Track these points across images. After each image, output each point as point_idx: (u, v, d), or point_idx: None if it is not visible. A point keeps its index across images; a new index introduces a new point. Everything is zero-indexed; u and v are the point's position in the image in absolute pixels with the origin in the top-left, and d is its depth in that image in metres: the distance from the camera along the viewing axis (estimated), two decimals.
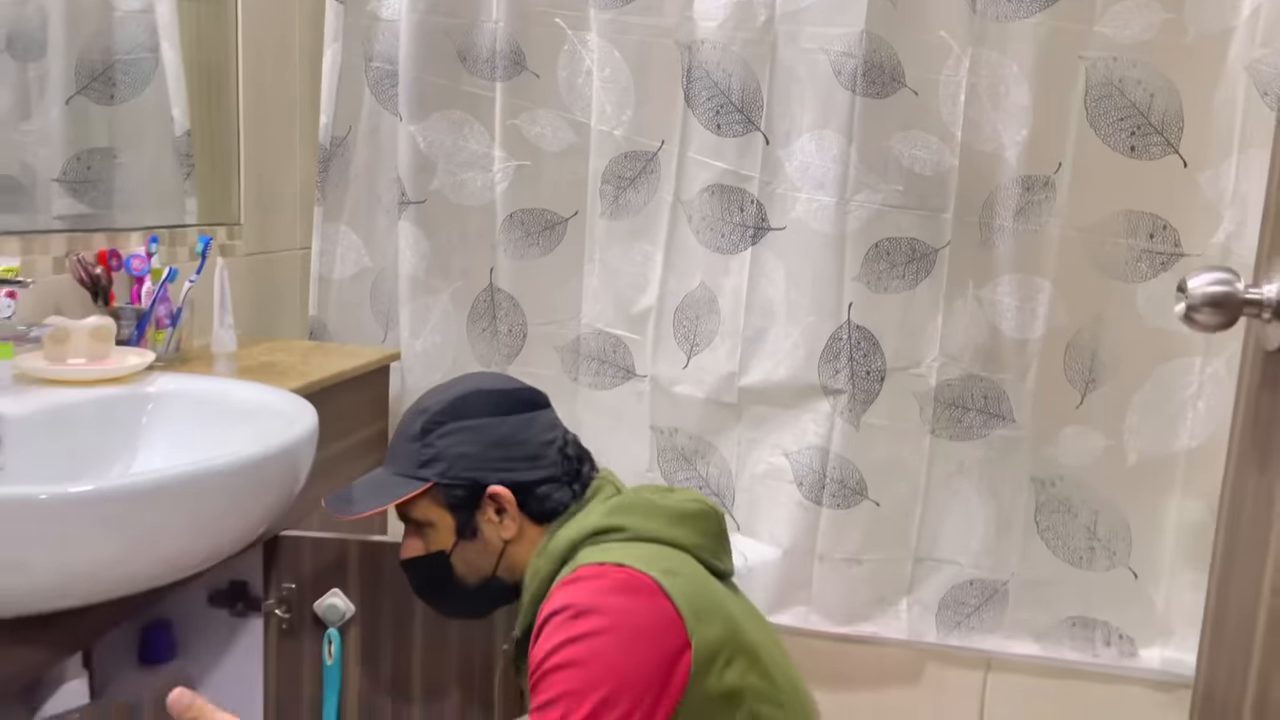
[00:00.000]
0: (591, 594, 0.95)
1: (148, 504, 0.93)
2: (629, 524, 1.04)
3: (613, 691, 0.90)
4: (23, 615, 0.94)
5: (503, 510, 1.09)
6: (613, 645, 0.92)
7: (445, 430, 1.10)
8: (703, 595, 0.99)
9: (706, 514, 1.09)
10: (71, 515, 0.89)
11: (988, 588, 1.65)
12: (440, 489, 1.09)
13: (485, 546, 1.11)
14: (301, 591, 1.44)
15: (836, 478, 1.65)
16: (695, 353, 1.71)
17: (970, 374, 1.61)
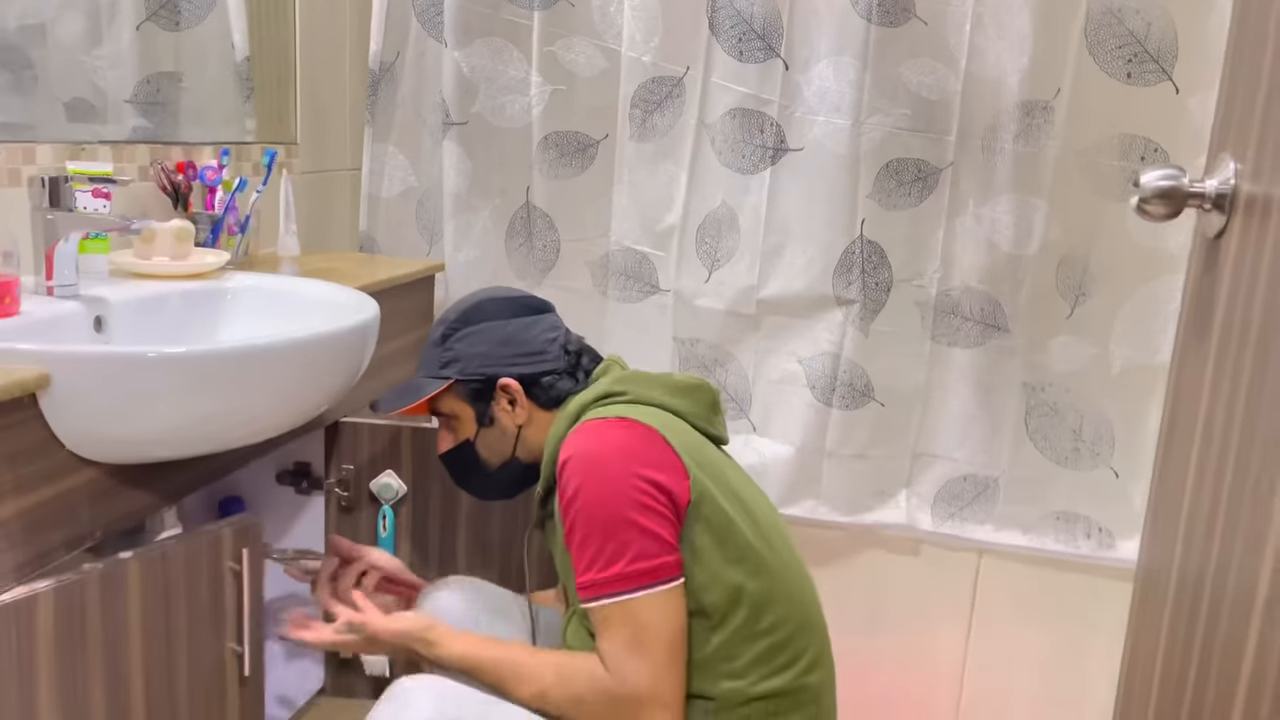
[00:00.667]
0: (597, 438, 1.13)
1: (237, 367, 1.09)
2: (630, 389, 1.21)
3: (629, 519, 1.08)
4: (130, 463, 1.11)
5: (514, 400, 1.27)
6: (619, 480, 1.09)
7: (461, 335, 1.30)
8: (698, 451, 1.16)
9: (701, 386, 1.26)
10: (173, 373, 1.05)
11: (980, 483, 1.80)
12: (460, 385, 1.29)
13: (502, 432, 1.29)
14: (359, 472, 1.61)
15: (846, 381, 1.79)
16: (716, 268, 1.85)
17: (968, 286, 1.74)
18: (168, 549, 1.10)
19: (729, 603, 1.12)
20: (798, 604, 1.18)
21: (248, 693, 1.22)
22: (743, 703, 1.13)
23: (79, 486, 1.05)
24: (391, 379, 1.77)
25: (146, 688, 1.08)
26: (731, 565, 1.13)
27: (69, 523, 1.04)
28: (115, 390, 1.02)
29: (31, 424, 0.99)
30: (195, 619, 1.14)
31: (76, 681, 1.01)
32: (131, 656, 1.06)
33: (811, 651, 1.18)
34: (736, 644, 1.13)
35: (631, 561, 1.08)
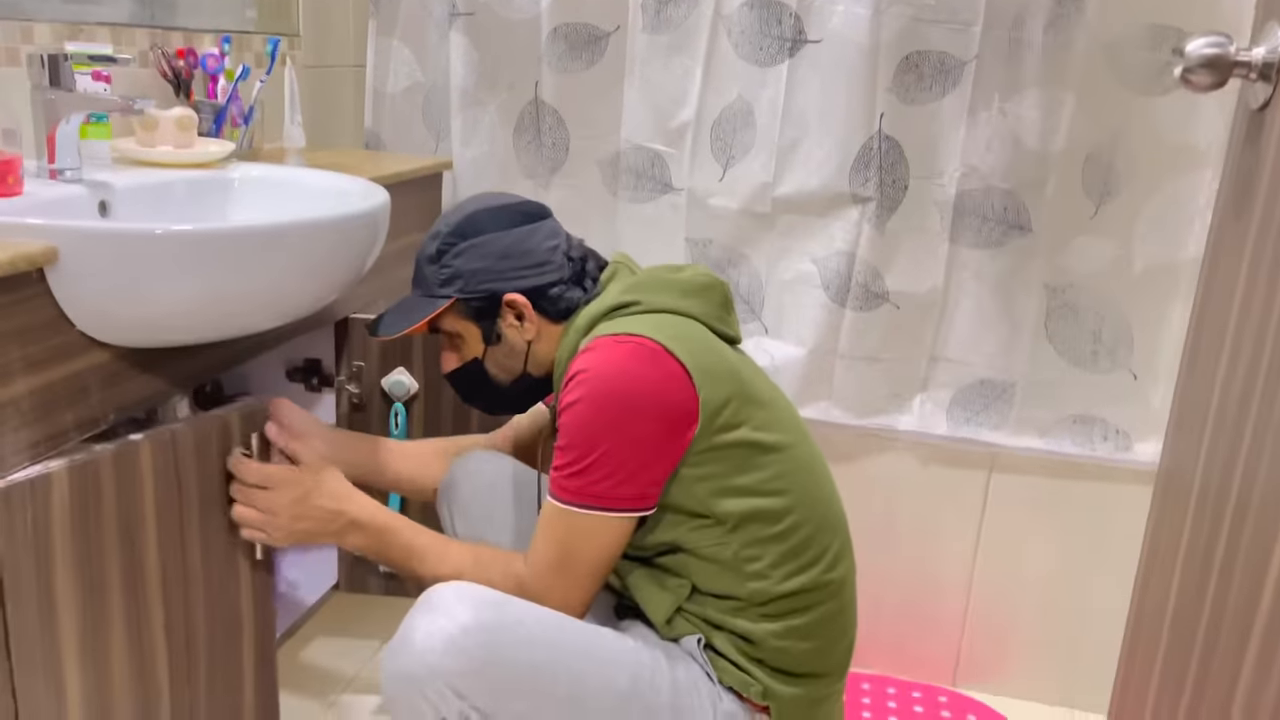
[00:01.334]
0: (604, 359, 1.08)
1: (246, 247, 1.07)
2: (642, 298, 1.16)
3: (615, 446, 1.06)
4: (141, 347, 1.09)
5: (521, 315, 1.20)
6: (617, 406, 1.06)
7: (458, 250, 1.20)
8: (710, 356, 1.11)
9: (713, 285, 1.21)
10: (181, 250, 1.02)
11: (996, 387, 1.78)
12: (462, 304, 1.21)
13: (511, 349, 1.23)
14: (370, 369, 1.59)
15: (860, 282, 1.76)
16: (731, 165, 1.80)
17: (990, 185, 1.70)
18: (177, 432, 1.08)
19: (745, 512, 1.11)
20: (820, 503, 1.17)
21: (259, 577, 1.22)
22: (768, 600, 1.12)
23: (90, 368, 1.04)
24: (399, 277, 1.74)
25: (162, 569, 1.08)
26: (745, 475, 1.11)
27: (81, 405, 1.03)
28: (123, 268, 0.99)
29: (40, 300, 0.96)
30: (207, 503, 1.13)
31: (92, 559, 1.00)
32: (146, 538, 1.06)
33: (834, 548, 1.18)
34: (758, 547, 1.12)
35: (598, 482, 1.07)
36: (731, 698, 1.13)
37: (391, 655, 1.03)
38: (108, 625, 1.03)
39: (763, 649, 1.13)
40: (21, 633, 0.95)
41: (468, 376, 1.27)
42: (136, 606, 1.06)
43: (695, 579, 1.14)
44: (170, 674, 1.12)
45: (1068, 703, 1.88)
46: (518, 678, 1.04)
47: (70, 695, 1.01)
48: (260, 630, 1.24)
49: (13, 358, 0.93)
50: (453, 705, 1.01)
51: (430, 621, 1.02)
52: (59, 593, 0.98)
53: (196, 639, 1.15)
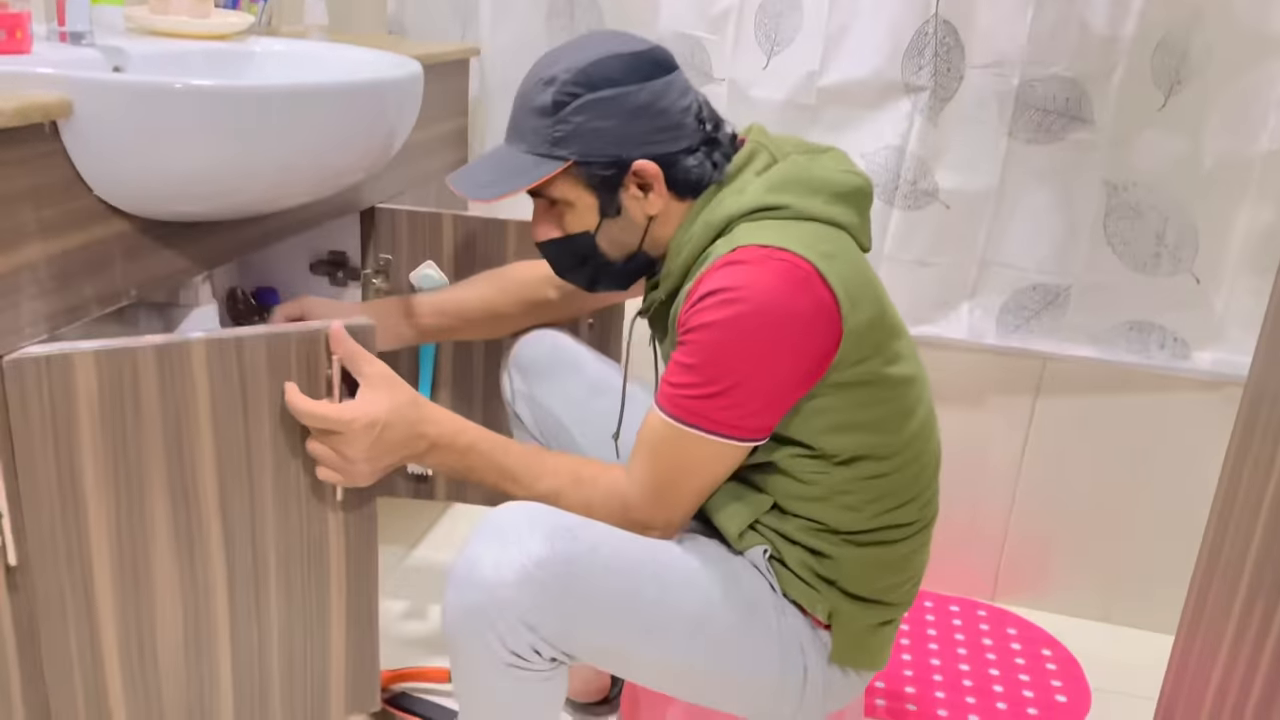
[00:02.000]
0: (752, 281, 0.94)
1: (271, 108, 0.98)
2: (789, 203, 1.00)
3: (754, 376, 0.96)
4: (161, 219, 1.01)
5: (648, 186, 1.03)
6: (763, 334, 0.94)
7: (580, 104, 1.00)
8: (858, 280, 0.99)
9: (862, 190, 1.06)
10: (201, 107, 0.93)
11: (1050, 292, 1.70)
12: (579, 168, 1.02)
13: (630, 224, 1.06)
14: (398, 262, 1.52)
15: (910, 179, 1.67)
16: (775, 53, 1.70)
17: (1054, 74, 1.60)
18: (245, 342, 0.95)
19: (858, 450, 1.03)
20: (928, 442, 1.10)
21: (352, 518, 1.06)
22: (857, 531, 1.06)
23: (110, 238, 0.96)
24: (426, 168, 1.66)
25: (220, 485, 0.98)
26: (867, 410, 1.02)
27: (101, 277, 0.95)
28: (140, 124, 0.91)
29: (55, 159, 0.88)
30: (284, 425, 0.99)
31: (129, 456, 0.92)
32: (200, 448, 0.95)
33: (933, 488, 1.12)
34: (859, 484, 1.05)
35: (727, 409, 0.98)
36: (795, 611, 1.08)
37: (456, 588, 0.96)
38: (150, 533, 0.95)
39: (840, 570, 1.07)
40: (40, 521, 0.89)
41: (572, 249, 1.09)
42: (188, 520, 0.97)
43: (780, 497, 1.07)
44: (231, 603, 1.02)
45: (1108, 618, 1.84)
46: (591, 609, 0.97)
47: (101, 601, 0.95)
48: (356, 578, 1.08)
49: (27, 219, 0.86)
50: (523, 639, 0.95)
51: (501, 552, 0.94)
52: (87, 487, 0.91)
53: (266, 573, 1.03)
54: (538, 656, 0.97)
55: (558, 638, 0.96)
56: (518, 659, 0.96)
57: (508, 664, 0.96)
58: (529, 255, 1.47)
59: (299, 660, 1.09)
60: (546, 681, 1.00)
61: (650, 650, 1.01)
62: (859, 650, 1.09)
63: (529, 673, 0.98)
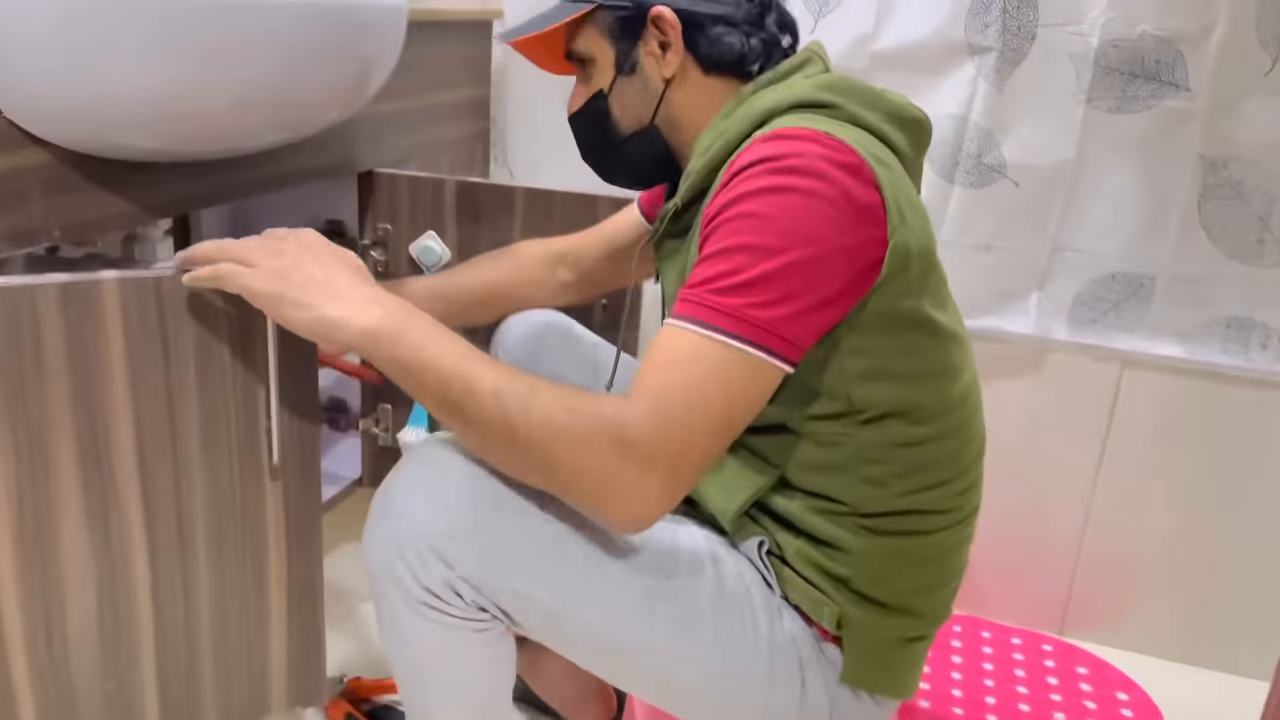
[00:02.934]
0: (805, 151, 0.79)
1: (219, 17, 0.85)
2: (843, 104, 0.86)
3: (801, 260, 0.77)
4: (94, 153, 0.89)
5: (665, 42, 0.93)
6: (816, 210, 0.77)
7: None
8: (910, 198, 0.85)
9: (922, 121, 0.93)
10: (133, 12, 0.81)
11: (1132, 282, 1.50)
12: (604, 13, 0.95)
13: (644, 85, 0.96)
14: (398, 233, 1.39)
15: (973, 152, 1.49)
16: (823, 14, 1.54)
17: (1142, 32, 1.40)
18: (163, 281, 0.83)
19: (893, 405, 0.86)
20: (972, 418, 0.94)
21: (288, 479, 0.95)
22: (878, 513, 0.89)
23: (26, 169, 0.85)
24: (437, 136, 1.53)
25: (138, 444, 0.86)
26: (909, 358, 0.86)
27: (15, 212, 0.84)
28: (59, 35, 0.79)
29: None
30: (209, 376, 0.88)
31: (29, 409, 0.79)
32: (113, 403, 0.83)
33: (972, 474, 0.95)
34: (887, 450, 0.88)
35: (768, 304, 0.77)
36: (795, 616, 0.91)
37: (371, 522, 0.85)
38: (55, 498, 0.83)
39: (852, 564, 0.89)
40: None
41: (589, 115, 1.00)
42: (101, 486, 0.85)
43: (790, 469, 0.90)
44: (153, 574, 0.90)
45: (1192, 659, 1.62)
46: (514, 547, 0.82)
47: (1, 583, 0.82)
48: (295, 552, 0.98)
49: None
50: (435, 572, 0.81)
51: (417, 476, 0.83)
52: None
53: (194, 545, 0.91)
54: (459, 600, 0.83)
55: (477, 578, 0.82)
56: (433, 597, 0.82)
57: (422, 602, 0.82)
58: (538, 226, 1.33)
59: (233, 645, 0.96)
60: (477, 640, 0.85)
61: (588, 617, 0.85)
62: (877, 669, 0.91)
63: (452, 620, 0.83)
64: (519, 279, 1.24)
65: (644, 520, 0.79)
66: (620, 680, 0.93)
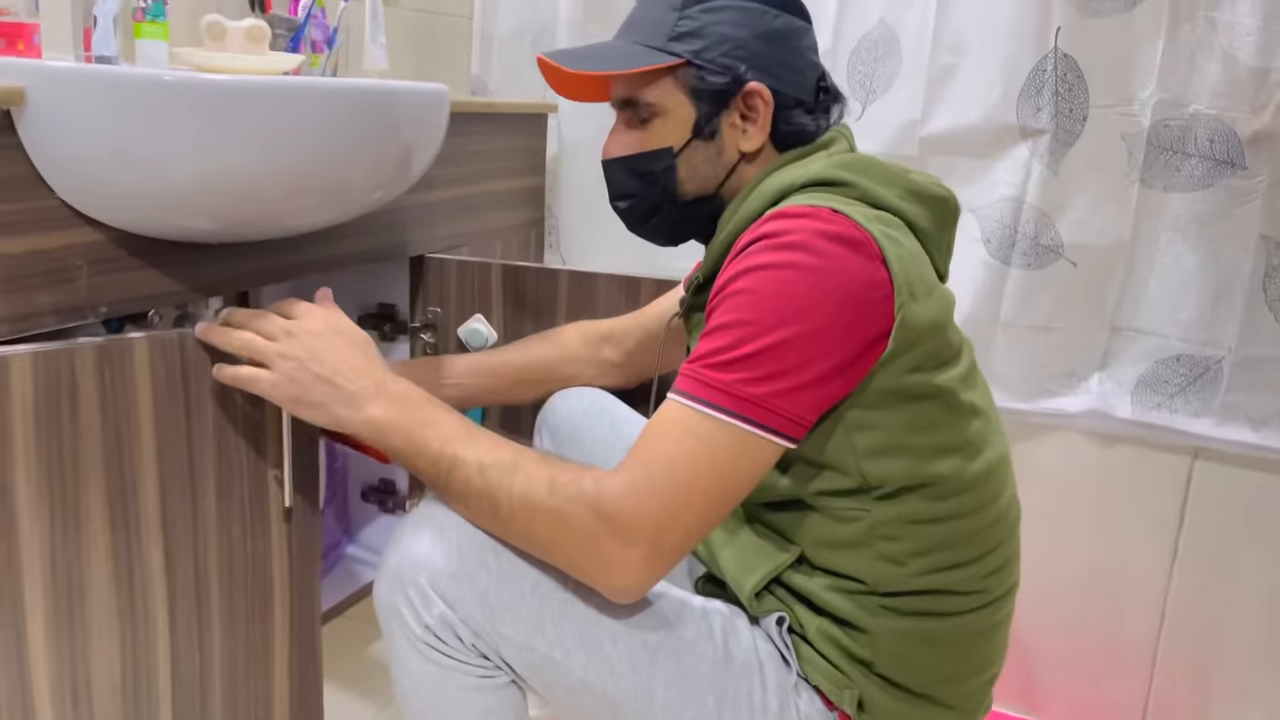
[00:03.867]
0: (803, 229, 0.80)
1: (261, 103, 0.90)
2: (858, 182, 0.87)
3: (794, 336, 0.77)
4: (143, 233, 0.94)
5: (752, 115, 0.92)
6: (814, 287, 0.78)
7: (712, 4, 0.92)
8: (921, 274, 0.84)
9: (947, 200, 0.92)
10: (181, 101, 0.86)
11: (1198, 364, 1.44)
12: (691, 70, 0.91)
13: (719, 154, 0.94)
14: (446, 315, 1.42)
15: (1029, 234, 1.47)
16: (871, 101, 1.55)
17: (1194, 112, 1.38)
18: (187, 338, 0.89)
19: (908, 480, 0.84)
20: (1000, 496, 0.90)
21: (297, 531, 1.01)
22: (897, 593, 0.86)
23: (75, 246, 0.89)
24: (491, 223, 1.57)
25: (161, 503, 0.89)
26: (923, 434, 0.84)
27: (61, 287, 0.88)
28: (110, 120, 0.84)
29: (9, 154, 0.82)
30: (226, 429, 0.93)
31: (66, 472, 0.82)
32: (141, 459, 0.87)
33: (1001, 554, 0.90)
34: (904, 526, 0.85)
35: (760, 380, 0.78)
36: (815, 698, 0.87)
37: (382, 558, 0.87)
38: (86, 559, 0.85)
39: (874, 645, 0.86)
40: None
41: (644, 166, 0.96)
42: (127, 544, 0.88)
43: (808, 546, 0.88)
44: (173, 634, 0.93)
45: None
46: (515, 592, 0.83)
47: (34, 642, 0.84)
48: (299, 604, 1.03)
49: None
50: (436, 611, 0.82)
51: (423, 515, 0.86)
52: (19, 507, 0.81)
53: (209, 599, 0.95)
54: (459, 643, 0.83)
55: (477, 621, 0.83)
56: (433, 636, 0.83)
57: (423, 640, 0.84)
58: (582, 308, 1.35)
59: (241, 693, 0.98)
60: (475, 685, 0.85)
61: (585, 668, 0.83)
62: None
63: (451, 663, 0.84)
64: (563, 357, 1.26)
65: (631, 590, 0.80)
66: None
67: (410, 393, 0.87)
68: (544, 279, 1.36)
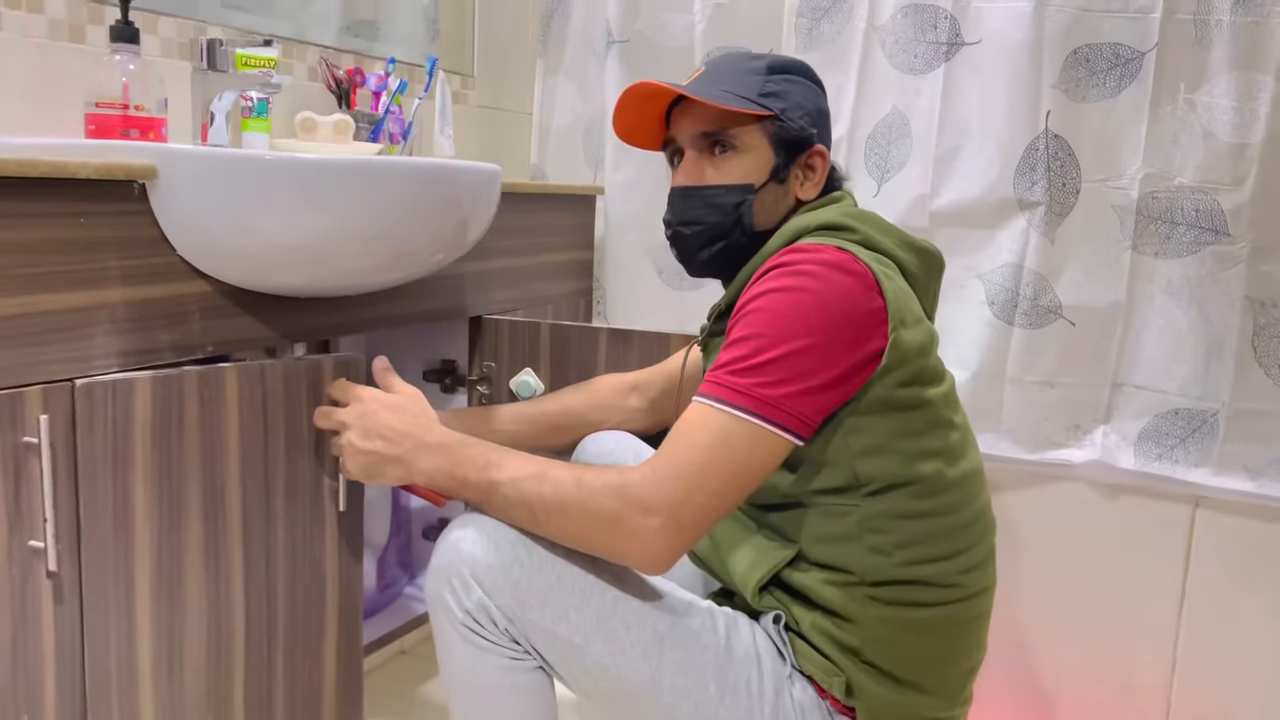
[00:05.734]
0: (812, 259, 0.96)
1: (349, 180, 1.09)
2: (861, 229, 1.03)
3: (804, 348, 0.93)
4: (246, 287, 1.14)
5: (813, 168, 1.11)
6: (820, 308, 0.94)
7: (790, 77, 1.11)
8: (910, 307, 1.00)
9: (935, 255, 1.11)
10: (283, 178, 1.06)
11: (1195, 418, 1.54)
12: (776, 123, 1.08)
13: (784, 195, 1.11)
14: (499, 369, 1.60)
15: (1029, 295, 1.60)
16: (886, 179, 1.71)
17: (1180, 185, 1.51)
18: (267, 368, 1.10)
19: (891, 477, 0.98)
20: (974, 501, 1.04)
21: (346, 533, 1.21)
22: (884, 582, 0.98)
23: (191, 295, 1.09)
24: (543, 291, 1.76)
25: (243, 504, 1.09)
26: (908, 440, 0.98)
27: (178, 328, 1.08)
28: (222, 192, 1.04)
29: (141, 218, 1.02)
30: (293, 445, 1.13)
31: (172, 476, 1.02)
32: (228, 468, 1.07)
33: (976, 553, 1.03)
34: (889, 520, 0.98)
35: (776, 384, 0.92)
36: (807, 686, 0.99)
37: (433, 555, 1.02)
38: (184, 549, 1.04)
39: (861, 634, 0.98)
40: (94, 537, 0.98)
41: (724, 198, 1.09)
42: (215, 537, 1.07)
43: (806, 543, 1.01)
44: (247, 617, 1.11)
45: None
46: (543, 582, 0.97)
47: (140, 617, 1.02)
48: (346, 595, 1.22)
49: (109, 264, 0.99)
50: (475, 596, 0.96)
51: (469, 517, 1.02)
52: (136, 504, 1.00)
53: (276, 587, 1.14)
54: (494, 627, 0.97)
55: (510, 608, 0.96)
56: (473, 620, 0.97)
57: (463, 624, 0.97)
58: (619, 361, 1.51)
59: (300, 663, 1.18)
60: (509, 666, 0.99)
61: (602, 652, 0.97)
62: None
63: (487, 645, 0.98)
64: (593, 405, 1.41)
65: (655, 556, 0.92)
66: (611, 711, 1.03)
67: (445, 439, 1.05)
68: (586, 336, 1.53)
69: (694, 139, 1.11)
